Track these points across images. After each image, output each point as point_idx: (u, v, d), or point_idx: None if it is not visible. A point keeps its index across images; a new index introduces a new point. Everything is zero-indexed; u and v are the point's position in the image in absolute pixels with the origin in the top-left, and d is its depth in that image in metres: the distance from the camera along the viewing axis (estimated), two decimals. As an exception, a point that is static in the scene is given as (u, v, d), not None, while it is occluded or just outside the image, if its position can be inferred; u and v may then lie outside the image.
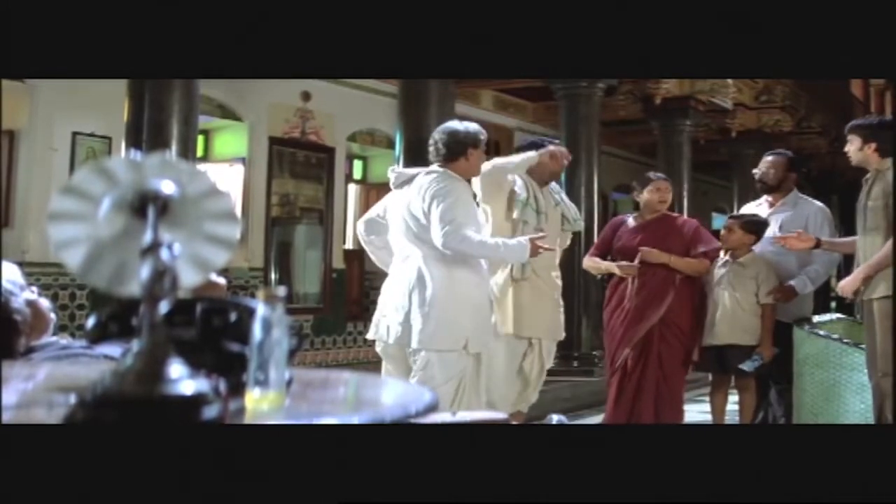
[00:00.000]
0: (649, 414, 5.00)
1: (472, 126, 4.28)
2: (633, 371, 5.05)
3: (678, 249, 5.06)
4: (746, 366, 5.02)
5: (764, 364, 5.02)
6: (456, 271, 4.03)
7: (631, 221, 5.25)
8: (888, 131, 4.52)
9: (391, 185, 4.30)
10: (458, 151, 4.14)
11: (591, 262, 5.30)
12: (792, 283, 5.13)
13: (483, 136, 4.25)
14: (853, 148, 4.56)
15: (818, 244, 4.88)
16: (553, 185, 4.88)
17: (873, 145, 4.48)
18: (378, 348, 4.24)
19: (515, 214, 4.60)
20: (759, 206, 5.45)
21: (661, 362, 5.06)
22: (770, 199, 5.39)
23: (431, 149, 4.22)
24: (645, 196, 5.19)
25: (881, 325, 4.35)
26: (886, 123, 4.65)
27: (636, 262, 5.02)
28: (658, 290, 5.03)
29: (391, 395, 1.49)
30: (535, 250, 4.22)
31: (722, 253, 5.21)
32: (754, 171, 5.49)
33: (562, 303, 4.85)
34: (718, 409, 5.32)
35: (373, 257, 4.55)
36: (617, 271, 5.10)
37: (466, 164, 4.15)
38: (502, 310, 4.57)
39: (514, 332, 4.61)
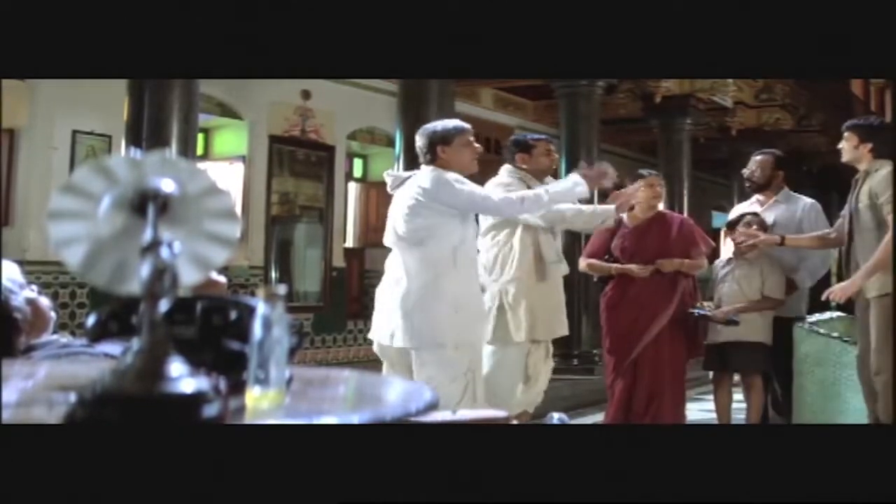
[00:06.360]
0: (669, 412, 5.01)
1: (446, 123, 4.24)
2: (648, 371, 5.04)
3: (679, 248, 5.12)
4: (696, 309, 5.12)
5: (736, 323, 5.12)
6: (436, 269, 4.01)
7: (626, 220, 5.23)
8: (886, 134, 4.60)
9: (388, 189, 4.29)
10: (432, 151, 4.13)
11: (592, 265, 5.28)
12: (793, 277, 5.25)
13: (457, 130, 4.17)
14: (849, 145, 4.62)
15: (782, 242, 5.00)
16: (548, 178, 4.87)
17: (869, 145, 4.55)
18: (375, 348, 4.24)
19: (534, 221, 4.63)
20: (751, 206, 5.51)
21: (672, 360, 5.09)
22: (761, 197, 5.46)
23: (417, 152, 4.25)
24: (640, 194, 5.21)
25: (876, 323, 4.38)
26: (885, 126, 4.74)
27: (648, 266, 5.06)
28: (667, 289, 5.07)
29: (392, 394, 1.49)
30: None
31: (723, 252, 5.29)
32: (743, 170, 5.57)
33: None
34: (723, 407, 5.32)
35: None
36: (637, 273, 5.08)
37: (445, 161, 4.12)
38: (516, 317, 4.56)
39: (527, 338, 4.61)
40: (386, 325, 4.10)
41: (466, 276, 4.11)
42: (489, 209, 4.24)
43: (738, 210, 5.73)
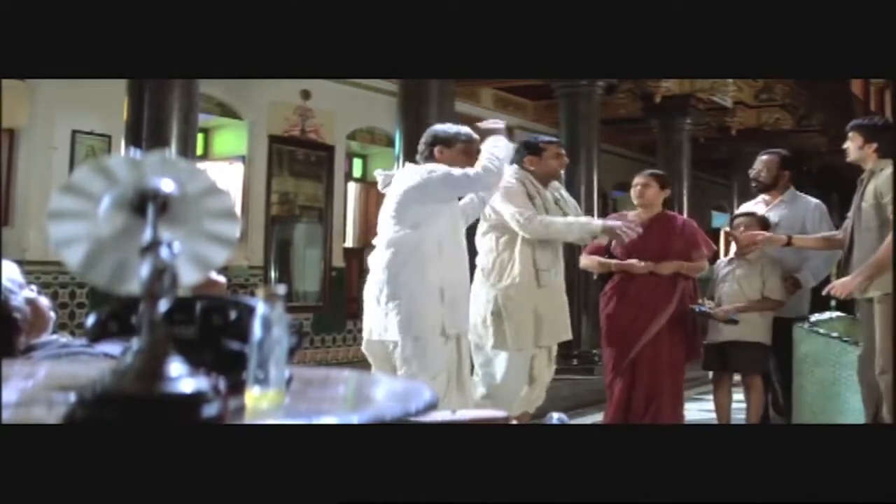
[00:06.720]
0: (668, 412, 5.01)
1: (459, 128, 4.27)
2: (647, 370, 5.03)
3: (680, 249, 5.11)
4: (696, 307, 5.12)
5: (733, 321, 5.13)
6: (424, 260, 4.02)
7: (629, 218, 5.24)
8: (890, 133, 4.62)
9: (379, 188, 4.30)
10: (429, 149, 4.16)
11: (593, 261, 5.28)
12: (797, 276, 5.23)
13: (465, 137, 4.20)
14: (853, 146, 4.63)
15: (789, 242, 4.97)
16: (554, 183, 4.91)
17: (874, 145, 4.56)
18: (363, 347, 4.26)
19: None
20: (756, 205, 5.52)
21: (671, 360, 5.08)
22: (767, 197, 5.46)
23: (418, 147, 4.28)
24: (632, 192, 5.29)
25: (880, 323, 4.38)
26: (890, 126, 4.77)
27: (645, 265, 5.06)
28: (667, 289, 5.06)
29: (391, 393, 1.49)
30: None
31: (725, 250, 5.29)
32: (749, 170, 5.58)
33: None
34: (722, 407, 5.32)
35: None
36: (637, 269, 5.06)
37: (436, 161, 4.14)
38: (519, 323, 4.56)
39: (533, 345, 4.62)
40: (373, 320, 4.11)
41: (454, 265, 4.12)
42: (468, 183, 4.13)
43: (743, 209, 5.73)
